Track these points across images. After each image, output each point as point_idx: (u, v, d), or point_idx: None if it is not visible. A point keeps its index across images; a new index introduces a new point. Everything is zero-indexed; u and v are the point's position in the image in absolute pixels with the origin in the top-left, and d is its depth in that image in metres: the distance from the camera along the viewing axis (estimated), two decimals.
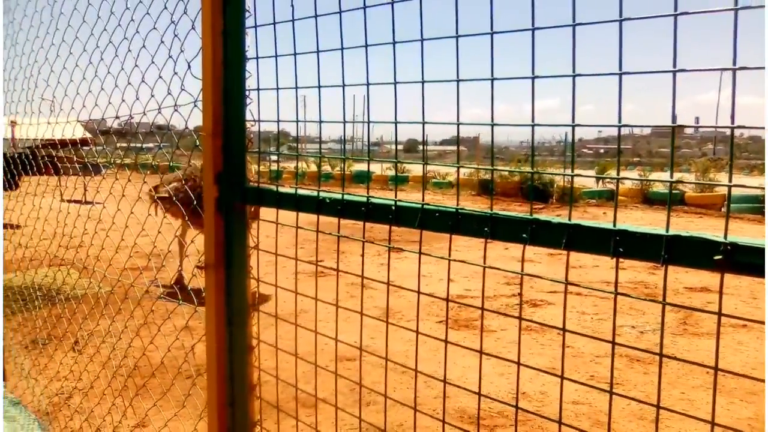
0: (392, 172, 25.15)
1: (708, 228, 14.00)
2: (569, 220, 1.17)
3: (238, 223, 2.04)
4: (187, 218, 7.50)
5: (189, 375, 3.32)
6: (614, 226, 1.11)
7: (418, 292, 1.45)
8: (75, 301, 4.59)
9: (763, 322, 1.07)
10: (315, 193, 1.72)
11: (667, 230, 1.05)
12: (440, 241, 9.41)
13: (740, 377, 4.72)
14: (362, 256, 1.37)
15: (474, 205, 17.74)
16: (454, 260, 1.35)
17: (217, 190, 2.04)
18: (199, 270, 2.14)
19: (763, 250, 0.98)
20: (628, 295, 1.13)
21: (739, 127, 1.03)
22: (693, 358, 5.61)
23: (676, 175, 19.33)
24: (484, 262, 1.30)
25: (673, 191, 17.95)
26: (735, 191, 17.96)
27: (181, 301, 2.39)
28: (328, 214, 1.68)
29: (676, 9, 1.04)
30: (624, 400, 4.68)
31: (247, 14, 2.04)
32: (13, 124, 9.33)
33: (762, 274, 0.99)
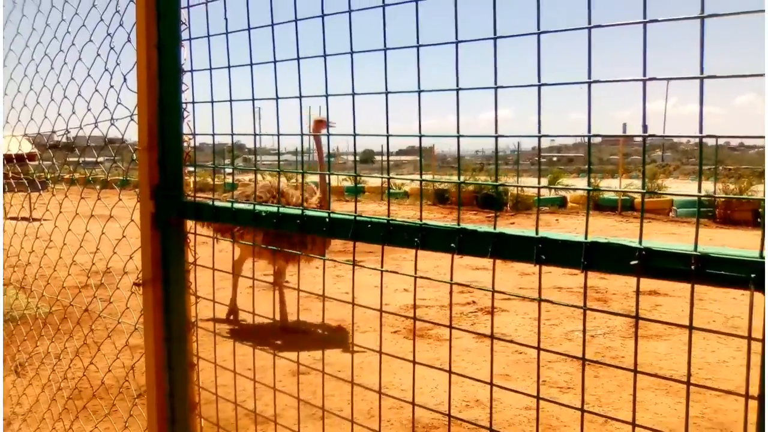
0: (348, 184, 25.15)
1: (655, 232, 14.38)
2: (494, 228, 1.19)
3: (175, 238, 2.00)
4: (253, 249, 6.12)
5: (132, 395, 3.23)
6: (536, 233, 1.13)
7: (353, 305, 1.45)
8: (13, 323, 4.45)
9: (675, 325, 1.09)
10: (251, 207, 1.70)
11: (586, 237, 1.08)
12: (396, 251, 9.44)
13: (688, 378, 4.81)
14: (298, 269, 1.37)
15: (429, 215, 17.85)
16: (386, 271, 1.36)
17: (154, 204, 2.00)
18: (137, 287, 2.10)
19: (675, 254, 1.01)
20: (550, 301, 1.15)
21: (652, 135, 1.06)
22: (641, 360, 5.74)
23: (624, 182, 19.68)
24: (415, 272, 1.30)
25: (623, 197, 18.42)
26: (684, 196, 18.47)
27: (120, 320, 2.34)
28: (265, 226, 1.67)
29: (589, 22, 1.07)
30: (574, 404, 4.75)
31: (182, 27, 2.02)
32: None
33: (675, 278, 1.02)
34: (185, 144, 2.04)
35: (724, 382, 5.19)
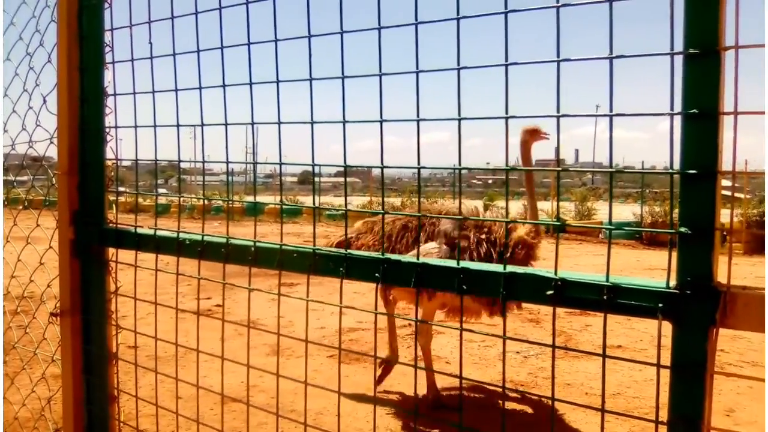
0: (285, 205, 24.96)
1: (585, 253, 14.83)
2: (417, 259, 1.20)
3: (96, 267, 1.93)
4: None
5: (48, 430, 3.07)
6: (458, 264, 1.15)
7: (278, 335, 1.43)
8: None
9: (591, 353, 1.12)
10: (175, 235, 1.66)
11: (504, 267, 1.10)
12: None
13: (616, 396, 4.93)
14: (222, 297, 1.34)
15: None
16: (285, 296, 1.35)
17: (73, 231, 1.93)
18: (55, 318, 2.01)
19: (589, 284, 1.05)
20: (472, 330, 1.16)
21: (565, 170, 1.10)
22: (573, 380, 5.86)
23: (556, 204, 20.20)
24: (340, 301, 1.30)
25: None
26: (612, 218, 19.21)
27: (37, 351, 2.23)
28: (189, 255, 1.63)
29: (506, 59, 1.10)
30: (508, 426, 4.82)
31: (106, 49, 1.97)
32: None
33: (589, 308, 1.06)
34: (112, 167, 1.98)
35: (651, 400, 5.36)
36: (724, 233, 0.99)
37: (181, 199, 2.02)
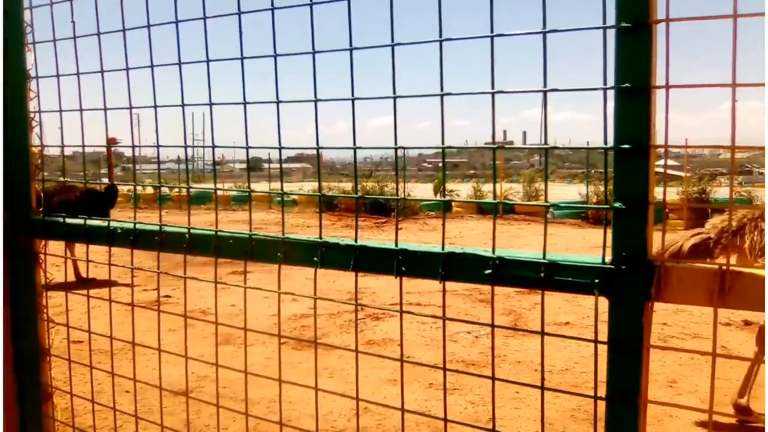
0: (234, 192, 24.58)
1: (532, 234, 15.10)
2: (356, 241, 1.17)
3: (24, 259, 1.84)
4: None
5: None
6: (396, 245, 1.13)
7: (216, 324, 1.39)
8: None
9: (531, 332, 1.12)
10: (105, 224, 1.59)
11: (443, 248, 1.08)
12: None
13: (565, 372, 5.00)
14: (158, 288, 1.29)
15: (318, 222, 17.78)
16: (222, 283, 1.31)
17: None
18: None
19: (526, 262, 1.04)
20: (412, 312, 1.14)
21: (502, 147, 1.09)
22: (523, 358, 5.97)
23: (505, 186, 20.62)
24: (279, 288, 1.26)
25: (504, 201, 19.32)
26: (558, 198, 19.68)
27: None
28: (121, 245, 1.56)
29: (440, 35, 1.08)
30: (460, 405, 4.88)
31: (27, 29, 1.86)
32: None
33: (527, 285, 1.05)
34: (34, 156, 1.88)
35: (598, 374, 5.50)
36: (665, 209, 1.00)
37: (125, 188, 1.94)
